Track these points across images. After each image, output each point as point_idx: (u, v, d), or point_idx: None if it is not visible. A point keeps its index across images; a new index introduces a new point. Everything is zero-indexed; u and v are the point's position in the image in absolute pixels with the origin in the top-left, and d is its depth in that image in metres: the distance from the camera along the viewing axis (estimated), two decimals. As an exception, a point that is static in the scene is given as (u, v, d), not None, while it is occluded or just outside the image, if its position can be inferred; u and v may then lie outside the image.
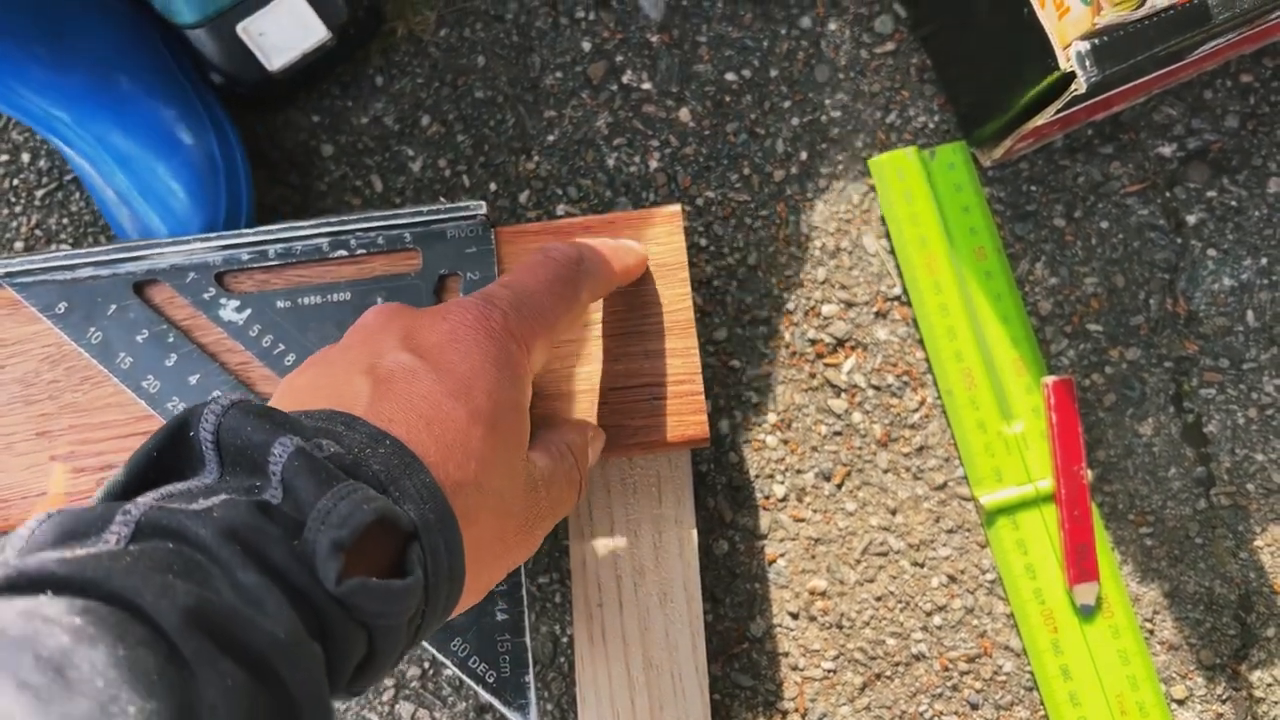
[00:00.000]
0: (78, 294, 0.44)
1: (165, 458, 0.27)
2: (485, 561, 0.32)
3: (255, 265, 0.44)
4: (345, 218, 0.44)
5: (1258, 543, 0.50)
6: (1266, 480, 0.50)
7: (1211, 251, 0.52)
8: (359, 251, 0.44)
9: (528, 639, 0.42)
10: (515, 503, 0.33)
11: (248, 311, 0.44)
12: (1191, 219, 0.52)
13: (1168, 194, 0.52)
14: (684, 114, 0.53)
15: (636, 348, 0.44)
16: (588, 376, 0.43)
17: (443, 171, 0.53)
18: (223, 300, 0.44)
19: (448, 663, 0.41)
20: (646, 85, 0.54)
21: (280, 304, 0.44)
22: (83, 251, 0.44)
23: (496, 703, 0.41)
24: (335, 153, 0.54)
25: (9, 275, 0.43)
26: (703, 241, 0.52)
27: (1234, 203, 0.52)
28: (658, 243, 0.45)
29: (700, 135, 0.53)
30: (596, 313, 0.44)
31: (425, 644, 0.42)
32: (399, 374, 0.31)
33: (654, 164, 0.53)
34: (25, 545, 0.23)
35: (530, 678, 0.41)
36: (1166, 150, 0.53)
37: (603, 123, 0.53)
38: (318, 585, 0.25)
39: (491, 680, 0.41)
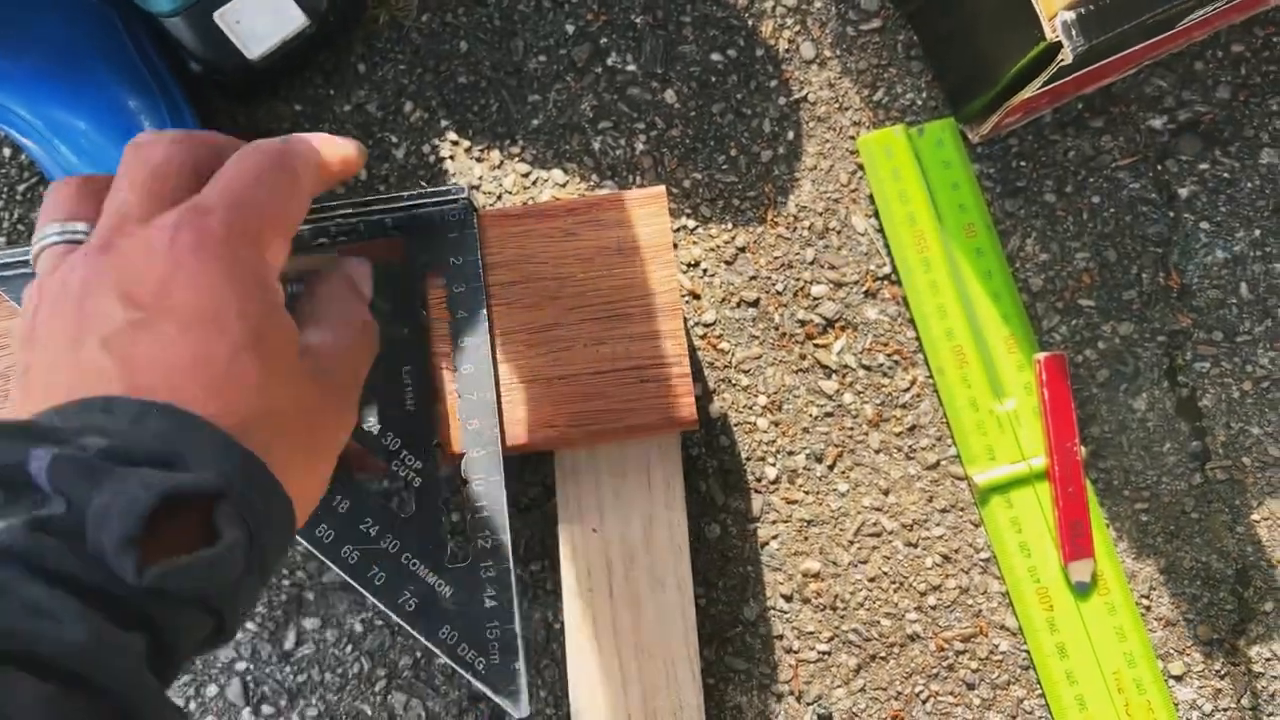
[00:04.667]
0: None
1: None
2: (307, 470, 0.31)
3: None
4: (325, 204, 0.43)
5: (1254, 517, 0.49)
6: (1263, 453, 0.50)
7: (1204, 224, 0.51)
8: (340, 239, 0.44)
9: (517, 626, 0.41)
10: (311, 401, 0.31)
11: None
12: (1184, 192, 0.52)
13: (1159, 167, 0.52)
14: (669, 95, 0.53)
15: (622, 330, 0.44)
16: None
17: (427, 158, 0.53)
18: None
19: (437, 651, 0.41)
20: (631, 67, 0.53)
21: None
22: None
23: (488, 690, 0.41)
24: (318, 141, 0.53)
25: None
26: (690, 224, 0.52)
27: (1226, 175, 0.52)
28: (643, 225, 0.45)
29: (686, 117, 0.53)
30: None
31: (414, 632, 0.41)
32: (137, 334, 0.28)
33: (640, 147, 0.52)
34: None
35: (520, 665, 0.41)
36: (1157, 123, 0.52)
37: (587, 106, 0.53)
38: (120, 582, 0.24)
39: (481, 668, 0.41)
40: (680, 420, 0.43)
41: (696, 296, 0.51)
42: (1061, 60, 0.41)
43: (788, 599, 0.49)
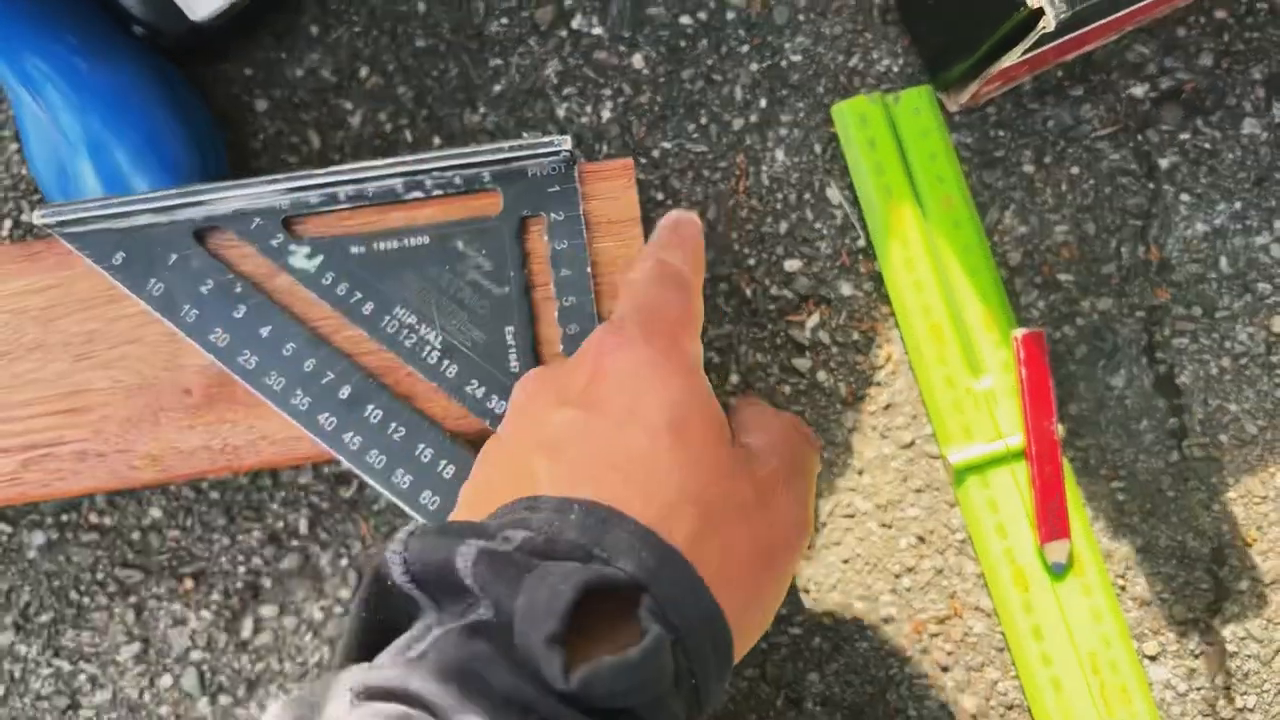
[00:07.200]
0: (135, 243, 0.41)
1: (382, 615, 0.26)
2: (743, 582, 0.29)
3: (325, 209, 0.41)
4: (420, 156, 0.41)
5: (1230, 495, 0.49)
6: (1240, 431, 0.49)
7: (1185, 196, 0.50)
8: (435, 193, 0.42)
9: None
10: (745, 494, 0.30)
11: (320, 258, 0.41)
12: (1164, 163, 0.50)
13: (1140, 137, 0.50)
14: (637, 60, 0.51)
15: (588, 310, 0.42)
16: None
17: (384, 125, 0.50)
18: (292, 247, 0.41)
19: None
20: (597, 30, 0.51)
21: (354, 250, 0.41)
22: (138, 197, 0.41)
23: None
24: (270, 108, 0.51)
25: (61, 224, 0.40)
26: (659, 195, 0.50)
27: (1207, 145, 0.50)
28: (609, 198, 0.43)
29: (655, 83, 0.51)
30: None
31: None
32: (565, 434, 0.30)
33: (607, 114, 0.50)
34: None
35: None
36: (1139, 91, 0.51)
37: (552, 71, 0.51)
38: (548, 693, 0.23)
39: None
40: (649, 403, 0.42)
41: (666, 271, 0.49)
42: (1043, 28, 0.40)
43: (759, 581, 0.48)
